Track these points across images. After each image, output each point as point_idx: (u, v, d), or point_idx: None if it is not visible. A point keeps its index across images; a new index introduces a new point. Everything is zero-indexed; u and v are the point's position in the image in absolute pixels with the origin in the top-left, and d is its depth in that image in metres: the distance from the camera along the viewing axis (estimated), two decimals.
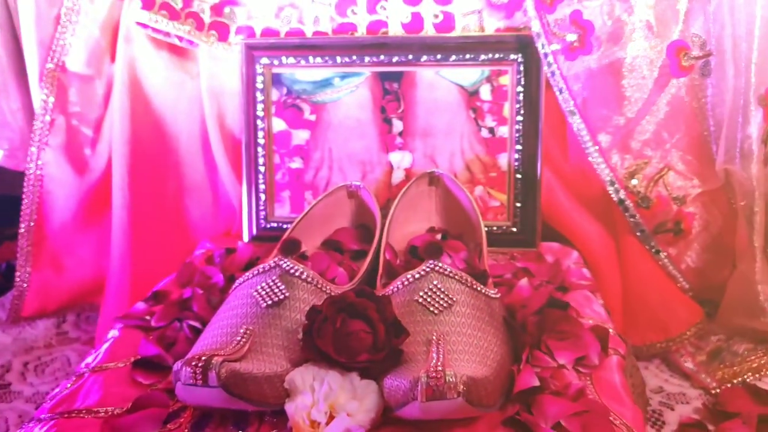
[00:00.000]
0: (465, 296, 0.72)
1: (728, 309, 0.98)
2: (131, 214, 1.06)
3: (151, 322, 0.83)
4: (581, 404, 0.65)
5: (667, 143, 0.92)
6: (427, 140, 1.02)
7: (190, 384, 0.60)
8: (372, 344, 0.65)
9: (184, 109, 1.10)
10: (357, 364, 0.64)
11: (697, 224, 0.95)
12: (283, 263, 0.75)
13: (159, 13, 1.01)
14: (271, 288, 0.73)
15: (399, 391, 0.60)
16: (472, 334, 0.68)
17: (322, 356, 0.64)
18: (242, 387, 0.61)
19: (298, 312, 0.72)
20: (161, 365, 0.75)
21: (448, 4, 1.01)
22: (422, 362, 0.64)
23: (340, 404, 0.62)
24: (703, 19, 0.88)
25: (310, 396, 0.63)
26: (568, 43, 0.90)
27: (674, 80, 0.90)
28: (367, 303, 0.66)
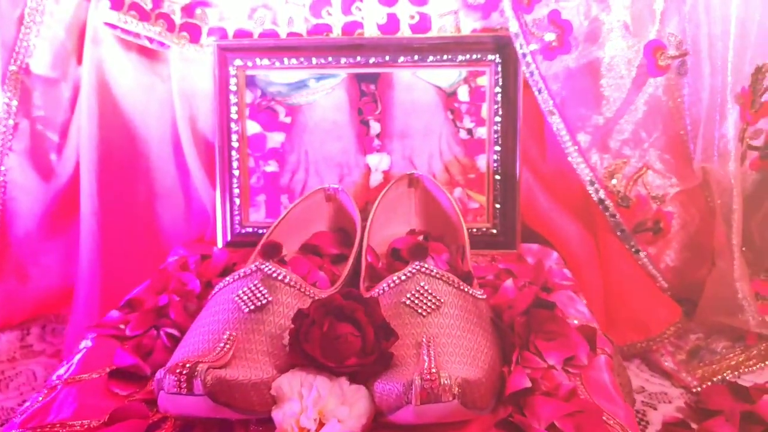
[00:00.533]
0: (452, 297, 0.70)
1: (707, 307, 0.99)
2: (101, 220, 1.03)
3: (125, 331, 0.80)
4: (574, 404, 0.64)
5: (645, 142, 0.92)
6: (405, 142, 1.01)
7: (174, 393, 0.57)
8: (360, 348, 0.63)
9: (154, 113, 1.07)
10: (346, 369, 0.62)
11: (676, 223, 0.96)
12: (265, 267, 0.72)
13: (128, 13, 0.99)
14: (253, 292, 0.71)
15: (392, 395, 0.59)
16: (461, 336, 0.67)
17: (310, 361, 0.62)
18: (228, 395, 0.58)
19: (281, 317, 0.69)
20: (138, 375, 0.72)
21: (424, 5, 1.00)
22: (413, 365, 0.62)
23: (330, 410, 0.60)
24: (679, 18, 0.88)
25: (298, 402, 0.61)
26: (546, 43, 0.90)
27: (651, 79, 0.90)
28: (354, 305, 0.64)
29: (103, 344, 0.78)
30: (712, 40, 0.84)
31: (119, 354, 0.74)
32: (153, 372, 0.73)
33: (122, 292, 1.03)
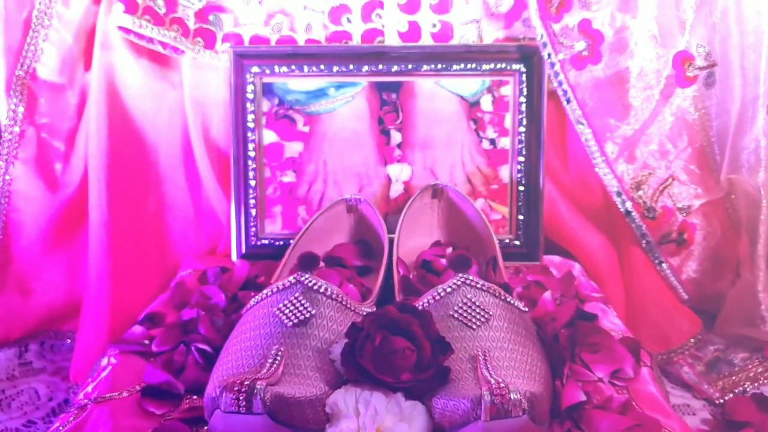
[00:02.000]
0: (500, 310, 0.69)
1: (728, 318, 0.99)
2: (110, 231, 0.99)
3: (151, 347, 0.77)
4: (632, 418, 0.63)
5: (671, 153, 0.92)
6: (426, 152, 0.99)
7: (232, 411, 0.54)
8: (416, 363, 0.61)
9: (164, 121, 1.04)
10: (403, 384, 0.60)
11: (699, 235, 0.96)
12: (305, 279, 0.70)
13: (143, 17, 0.96)
14: (294, 306, 0.68)
15: (457, 411, 0.57)
16: (514, 349, 0.65)
17: (366, 376, 0.60)
18: (287, 412, 0.56)
19: (325, 330, 0.67)
20: (171, 393, 0.69)
21: (446, 13, 0.99)
22: (471, 380, 0.61)
23: (388, 427, 0.58)
24: (707, 29, 0.89)
25: (355, 420, 0.58)
26: (576, 53, 0.89)
27: (679, 90, 0.90)
28: (410, 319, 0.62)
29: (128, 361, 0.75)
30: (744, 50, 0.85)
31: (150, 371, 0.71)
32: (187, 389, 0.70)
33: (132, 305, 1.00)
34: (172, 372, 0.72)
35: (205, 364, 0.72)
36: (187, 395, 0.69)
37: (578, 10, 0.88)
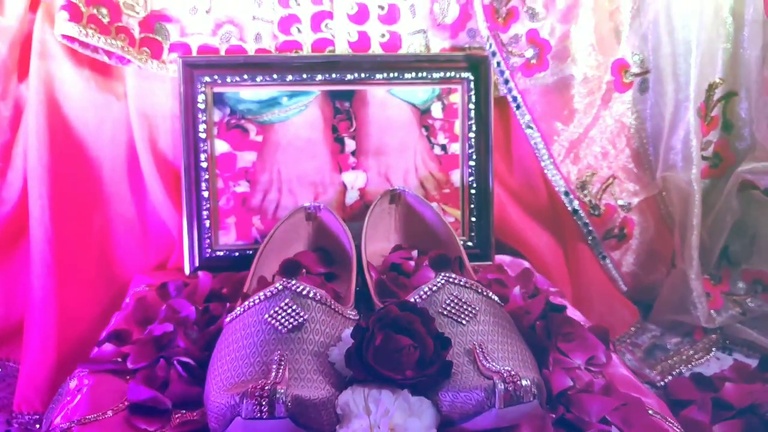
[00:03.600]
0: (484, 305, 0.72)
1: (663, 306, 1.07)
2: (54, 250, 0.94)
3: (125, 364, 0.74)
4: (617, 399, 0.67)
5: (611, 154, 0.99)
6: (380, 159, 1.01)
7: (254, 418, 0.54)
8: (419, 359, 0.62)
9: (108, 133, 1.00)
10: (410, 380, 0.61)
11: (636, 230, 1.03)
12: (293, 285, 0.70)
13: (88, 26, 0.92)
14: (286, 312, 0.68)
15: (469, 402, 0.59)
16: (503, 341, 0.68)
17: (374, 375, 0.61)
18: (306, 415, 0.56)
19: (319, 334, 0.67)
20: (158, 409, 0.67)
21: (394, 24, 1.02)
22: (471, 372, 0.63)
23: (399, 424, 0.59)
24: (641, 39, 0.96)
25: (366, 418, 0.59)
26: (525, 60, 0.94)
27: (617, 95, 0.97)
28: (411, 317, 0.63)
29: (104, 380, 0.72)
30: (676, 58, 0.92)
31: (133, 388, 0.68)
32: (174, 404, 0.68)
33: (79, 325, 0.96)
34: (156, 388, 0.69)
35: (189, 378, 0.71)
36: (175, 410, 0.68)
37: (525, 21, 0.93)
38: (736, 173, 0.99)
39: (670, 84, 0.94)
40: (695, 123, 0.93)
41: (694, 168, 0.94)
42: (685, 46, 0.91)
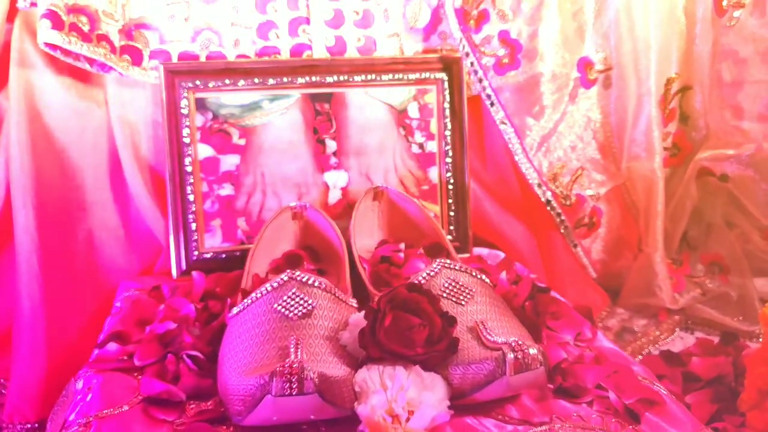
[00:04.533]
0: (478, 287, 0.76)
1: (631, 290, 1.13)
2: (41, 258, 0.94)
3: (130, 362, 0.75)
4: (609, 367, 0.72)
5: (580, 147, 1.05)
6: (360, 159, 1.05)
7: (284, 395, 0.56)
8: (428, 336, 0.66)
9: (89, 140, 1.01)
10: (421, 356, 0.65)
11: (604, 219, 1.09)
12: (299, 276, 0.73)
13: (70, 34, 0.93)
14: (294, 300, 0.71)
15: (480, 373, 0.63)
16: (501, 319, 0.72)
17: (388, 353, 0.64)
18: (331, 391, 0.59)
19: (328, 320, 0.70)
20: (172, 401, 0.69)
21: (368, 28, 1.06)
22: (476, 347, 0.66)
23: (414, 397, 0.63)
24: (603, 38, 1.02)
25: (383, 394, 0.62)
26: (498, 59, 0.99)
27: (583, 91, 1.03)
28: (419, 297, 0.67)
29: (112, 378, 0.73)
30: (637, 55, 0.99)
31: (146, 383, 0.70)
32: (188, 396, 0.70)
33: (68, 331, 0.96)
34: (167, 382, 0.71)
35: (200, 371, 0.73)
36: (189, 401, 0.69)
37: (496, 22, 0.99)
38: (694, 161, 1.06)
39: (631, 79, 1.01)
40: (657, 115, 0.99)
41: (657, 157, 1.00)
42: (645, 43, 0.98)
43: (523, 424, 0.64)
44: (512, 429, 0.64)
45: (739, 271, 1.15)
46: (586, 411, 0.66)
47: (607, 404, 0.67)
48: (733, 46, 1.01)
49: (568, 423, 0.64)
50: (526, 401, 0.68)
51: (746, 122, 1.01)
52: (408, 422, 0.61)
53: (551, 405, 0.67)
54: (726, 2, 0.99)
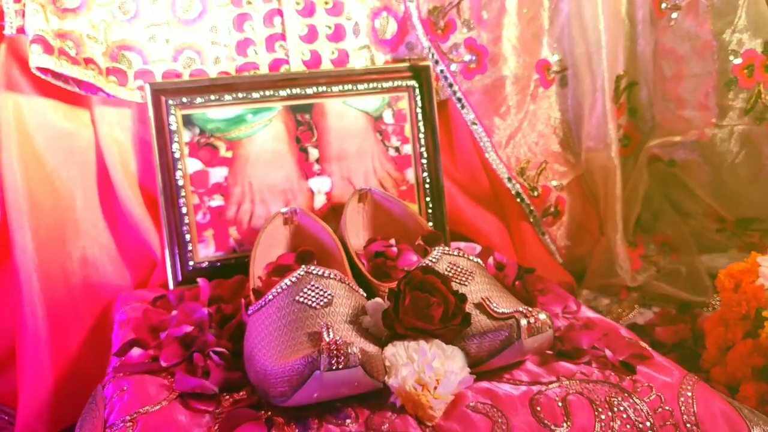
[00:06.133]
0: (476, 269, 0.83)
1: (594, 272, 1.22)
2: (40, 278, 0.97)
3: (155, 365, 0.79)
4: (599, 330, 0.81)
5: (542, 142, 1.14)
6: (342, 164, 1.11)
7: (332, 369, 0.62)
8: (444, 312, 0.72)
9: (78, 161, 1.04)
10: (440, 330, 0.71)
11: (567, 207, 1.18)
12: (314, 270, 0.78)
13: (60, 57, 0.96)
14: (314, 292, 0.76)
15: (496, 340, 0.70)
16: (501, 295, 0.79)
17: (412, 330, 0.70)
18: (370, 365, 0.65)
19: (347, 307, 0.76)
20: (205, 395, 0.73)
21: (341, 41, 1.12)
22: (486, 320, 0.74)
23: (439, 367, 0.69)
24: (558, 41, 1.12)
25: (411, 366, 0.68)
26: (465, 65, 1.07)
27: (542, 90, 1.12)
28: (433, 278, 0.73)
29: (142, 380, 0.77)
30: (590, 55, 1.09)
31: (180, 379, 0.74)
32: (221, 389, 0.74)
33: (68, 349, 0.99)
34: (199, 377, 0.75)
35: (227, 365, 0.77)
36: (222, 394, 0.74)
37: (463, 30, 1.07)
38: (645, 148, 1.17)
39: (586, 78, 1.11)
40: (611, 109, 1.10)
41: (614, 146, 1.11)
42: (596, 44, 1.08)
43: (534, 384, 0.72)
44: (526, 389, 0.71)
45: (687, 249, 1.27)
46: (587, 369, 0.74)
47: (604, 361, 0.75)
48: (671, 44, 1.13)
49: (574, 379, 0.72)
50: (531, 366, 0.76)
51: (688, 111, 1.13)
52: (436, 389, 0.68)
53: (555, 366, 0.75)
54: (664, 5, 1.11)
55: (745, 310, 0.94)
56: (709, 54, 1.09)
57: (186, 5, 1.06)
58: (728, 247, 1.28)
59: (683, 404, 0.69)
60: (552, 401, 0.69)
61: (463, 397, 0.69)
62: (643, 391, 0.70)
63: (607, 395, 0.69)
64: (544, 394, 0.70)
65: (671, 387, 0.71)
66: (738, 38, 1.07)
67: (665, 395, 0.70)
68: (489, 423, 0.66)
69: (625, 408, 0.68)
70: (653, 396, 0.70)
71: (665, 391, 0.71)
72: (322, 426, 0.67)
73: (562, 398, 0.69)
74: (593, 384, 0.71)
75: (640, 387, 0.71)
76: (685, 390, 0.71)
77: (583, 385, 0.71)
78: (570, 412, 0.67)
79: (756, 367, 0.92)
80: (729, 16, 1.08)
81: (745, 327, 0.95)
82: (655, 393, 0.70)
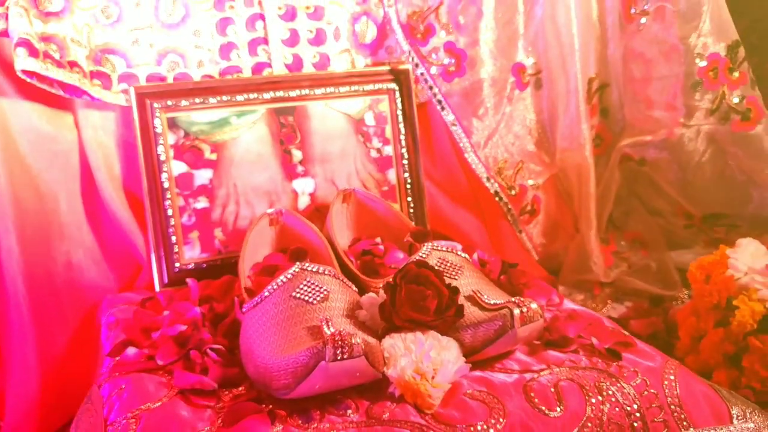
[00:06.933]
0: (465, 263, 0.86)
1: (569, 268, 1.26)
2: (26, 280, 0.96)
3: (151, 363, 0.80)
4: (583, 320, 0.84)
5: (519, 143, 1.17)
6: (325, 165, 1.13)
7: (336, 360, 0.64)
8: (437, 304, 0.75)
9: (61, 164, 1.04)
10: (436, 321, 0.74)
11: (542, 206, 1.22)
12: (308, 267, 0.80)
13: (46, 61, 0.96)
14: (310, 288, 0.78)
15: (490, 330, 0.73)
16: (489, 288, 0.82)
17: (408, 321, 0.73)
18: (372, 355, 0.67)
19: (342, 302, 0.78)
20: (204, 391, 0.74)
21: (322, 45, 1.15)
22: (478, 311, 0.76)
23: (436, 357, 0.71)
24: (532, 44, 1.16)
25: (409, 356, 0.71)
26: (444, 68, 1.10)
27: (518, 92, 1.16)
28: (427, 272, 0.76)
29: (140, 378, 0.77)
30: (564, 58, 1.13)
31: (179, 376, 0.75)
32: (220, 385, 0.75)
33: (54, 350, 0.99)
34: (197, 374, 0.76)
35: (225, 362, 0.78)
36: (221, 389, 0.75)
37: (442, 35, 1.10)
38: (617, 148, 1.22)
39: (560, 80, 1.15)
40: (585, 110, 1.14)
41: (588, 146, 1.15)
42: (569, 48, 1.12)
43: (526, 372, 0.75)
44: (519, 377, 0.74)
45: (657, 245, 1.31)
46: (575, 357, 0.77)
47: (590, 349, 0.79)
48: (640, 48, 1.18)
49: (564, 367, 0.75)
50: (521, 356, 0.79)
51: (657, 111, 1.18)
52: (434, 378, 0.70)
53: (544, 356, 0.78)
54: (633, 10, 1.16)
55: (716, 300, 0.98)
56: (676, 57, 1.15)
57: (169, 9, 1.07)
58: (694, 242, 1.33)
59: (667, 387, 0.73)
60: (545, 387, 0.72)
61: (460, 386, 0.72)
62: (629, 376, 0.74)
63: (596, 380, 0.73)
64: (536, 381, 0.73)
65: (655, 371, 0.75)
66: (703, 42, 1.13)
67: (650, 379, 0.74)
68: (486, 409, 0.69)
69: (613, 392, 0.72)
70: (639, 380, 0.73)
71: (649, 375, 0.74)
72: (324, 417, 0.68)
73: (554, 384, 0.72)
74: (582, 370, 0.75)
75: (626, 372, 0.74)
76: (668, 374, 0.75)
77: (573, 371, 0.74)
78: (562, 397, 0.70)
79: (727, 353, 0.97)
80: (694, 21, 1.13)
81: (716, 316, 0.99)
82: (641, 377, 0.74)
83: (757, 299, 0.94)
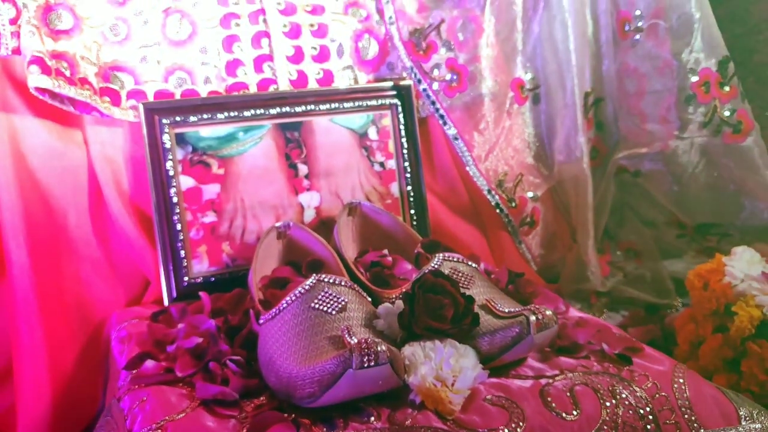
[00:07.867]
0: (476, 273, 0.88)
1: (567, 278, 1.29)
2: (37, 297, 0.97)
3: (170, 375, 0.81)
4: (592, 326, 0.87)
5: (518, 156, 1.20)
6: (330, 179, 1.15)
7: (363, 367, 0.65)
8: (454, 313, 0.77)
9: (70, 180, 1.05)
10: (453, 329, 0.76)
11: (541, 217, 1.25)
12: (325, 278, 0.82)
13: (57, 78, 0.97)
14: (328, 298, 0.80)
15: (508, 336, 0.75)
16: (501, 296, 0.85)
17: (426, 330, 0.75)
18: (396, 362, 0.69)
19: (359, 312, 0.80)
20: (226, 402, 0.75)
21: (325, 62, 1.17)
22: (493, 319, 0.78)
23: (455, 364, 0.73)
24: (530, 60, 1.19)
25: (429, 363, 0.73)
26: (446, 84, 1.13)
27: (517, 107, 1.19)
28: (443, 282, 0.78)
29: (160, 390, 0.78)
30: (562, 74, 1.17)
31: (201, 387, 0.76)
32: (241, 395, 0.76)
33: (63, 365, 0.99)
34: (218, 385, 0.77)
35: (244, 372, 0.80)
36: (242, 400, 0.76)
37: (443, 52, 1.13)
38: (613, 160, 1.25)
39: (558, 95, 1.19)
40: (582, 123, 1.17)
41: (585, 158, 1.18)
42: (567, 63, 1.16)
43: (541, 378, 0.77)
44: (533, 383, 0.76)
45: (651, 254, 1.35)
46: (587, 362, 0.80)
47: (601, 354, 0.81)
48: (634, 63, 1.22)
49: (577, 372, 0.78)
50: (533, 363, 0.81)
51: (651, 125, 1.22)
52: (454, 385, 0.72)
53: (556, 361, 0.80)
54: (628, 27, 1.20)
55: (715, 306, 1.01)
56: (669, 72, 1.19)
57: (176, 27, 1.08)
58: (686, 252, 1.36)
59: (677, 390, 0.76)
60: (560, 392, 0.74)
61: (479, 392, 0.74)
62: (640, 380, 0.76)
63: (609, 384, 0.75)
64: (552, 386, 0.75)
65: (665, 375, 0.77)
66: (695, 57, 1.17)
67: (660, 382, 0.76)
68: (506, 414, 0.71)
69: (626, 396, 0.74)
70: (650, 384, 0.76)
71: (660, 378, 0.77)
72: (347, 425, 0.70)
73: (569, 389, 0.74)
74: (595, 375, 0.77)
75: (637, 376, 0.77)
76: (678, 377, 0.77)
77: (586, 376, 0.77)
78: (578, 401, 0.73)
79: (726, 358, 1.00)
80: (686, 38, 1.17)
81: (715, 322, 1.03)
82: (651, 381, 0.76)
83: (754, 305, 0.97)
